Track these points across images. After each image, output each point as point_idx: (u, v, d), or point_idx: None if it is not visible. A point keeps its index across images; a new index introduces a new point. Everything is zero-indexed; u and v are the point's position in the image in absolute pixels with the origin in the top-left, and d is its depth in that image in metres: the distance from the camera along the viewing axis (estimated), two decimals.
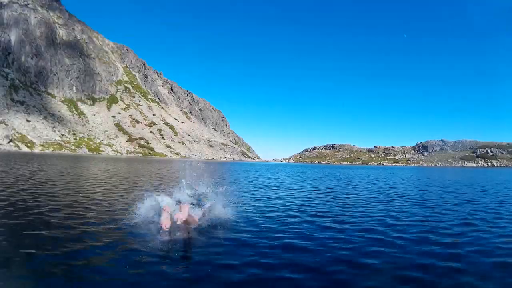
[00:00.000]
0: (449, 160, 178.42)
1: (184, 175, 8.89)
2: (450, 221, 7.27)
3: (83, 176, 16.22)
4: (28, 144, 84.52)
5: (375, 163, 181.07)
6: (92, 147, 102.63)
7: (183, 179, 8.44)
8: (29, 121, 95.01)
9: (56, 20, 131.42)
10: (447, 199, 11.68)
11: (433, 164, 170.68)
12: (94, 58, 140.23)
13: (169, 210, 5.61)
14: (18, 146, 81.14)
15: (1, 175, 13.48)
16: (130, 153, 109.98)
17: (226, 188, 8.67)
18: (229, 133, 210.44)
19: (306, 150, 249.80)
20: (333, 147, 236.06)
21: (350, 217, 7.36)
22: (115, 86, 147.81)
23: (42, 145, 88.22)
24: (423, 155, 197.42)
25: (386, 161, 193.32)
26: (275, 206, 8.73)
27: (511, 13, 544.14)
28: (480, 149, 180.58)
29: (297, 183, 18.05)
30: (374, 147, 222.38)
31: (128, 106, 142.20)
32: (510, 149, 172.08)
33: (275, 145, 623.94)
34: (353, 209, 8.67)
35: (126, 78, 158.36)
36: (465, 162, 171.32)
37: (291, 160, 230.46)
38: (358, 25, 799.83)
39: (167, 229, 5.10)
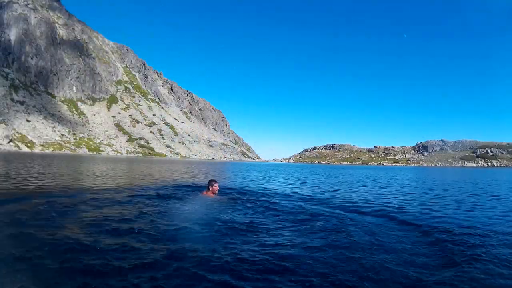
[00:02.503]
0: (449, 160, 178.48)
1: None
2: None
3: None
4: (28, 144, 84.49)
5: (375, 163, 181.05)
6: (92, 147, 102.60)
7: None
8: (29, 121, 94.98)
9: (56, 20, 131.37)
10: None
11: (433, 164, 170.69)
12: (94, 58, 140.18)
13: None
14: (18, 146, 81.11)
15: None
16: (130, 153, 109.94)
17: None
18: (229, 133, 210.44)
19: (306, 150, 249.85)
20: (333, 147, 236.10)
21: None
22: (115, 86, 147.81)
23: (42, 145, 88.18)
24: (423, 155, 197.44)
25: (386, 161, 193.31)
26: None
27: (511, 13, 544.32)
28: (480, 149, 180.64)
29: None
30: (374, 147, 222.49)
31: (128, 106, 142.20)
32: (510, 149, 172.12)
33: (275, 145, 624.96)
34: None
35: (126, 78, 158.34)
36: (465, 162, 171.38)
37: (291, 160, 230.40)
38: (358, 26, 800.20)
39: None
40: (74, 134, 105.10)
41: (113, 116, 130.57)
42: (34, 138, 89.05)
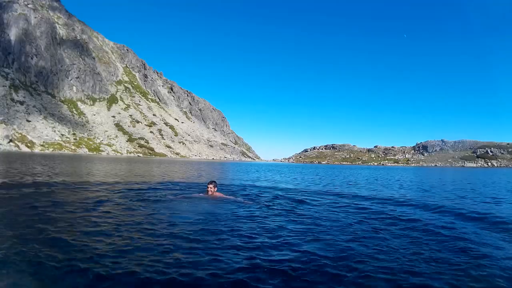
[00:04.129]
0: (449, 160, 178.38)
1: None
2: None
3: None
4: (28, 144, 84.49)
5: (375, 163, 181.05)
6: (92, 147, 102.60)
7: None
8: (29, 121, 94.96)
9: (56, 20, 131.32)
10: None
11: (433, 164, 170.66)
12: (94, 58, 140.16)
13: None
14: (18, 146, 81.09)
15: None
16: (130, 153, 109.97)
17: None
18: (229, 133, 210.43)
19: (306, 150, 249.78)
20: (333, 147, 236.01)
21: None
22: (115, 86, 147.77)
23: (42, 145, 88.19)
24: (423, 155, 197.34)
25: (386, 161, 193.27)
26: None
27: (511, 13, 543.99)
28: (480, 149, 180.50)
29: None
30: (374, 147, 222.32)
31: (128, 106, 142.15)
32: (510, 149, 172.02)
33: (275, 145, 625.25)
34: None
35: (126, 78, 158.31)
36: (465, 162, 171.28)
37: (291, 160, 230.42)
38: (358, 26, 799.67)
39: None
40: (74, 134, 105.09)
41: (113, 116, 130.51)
42: (34, 138, 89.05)
